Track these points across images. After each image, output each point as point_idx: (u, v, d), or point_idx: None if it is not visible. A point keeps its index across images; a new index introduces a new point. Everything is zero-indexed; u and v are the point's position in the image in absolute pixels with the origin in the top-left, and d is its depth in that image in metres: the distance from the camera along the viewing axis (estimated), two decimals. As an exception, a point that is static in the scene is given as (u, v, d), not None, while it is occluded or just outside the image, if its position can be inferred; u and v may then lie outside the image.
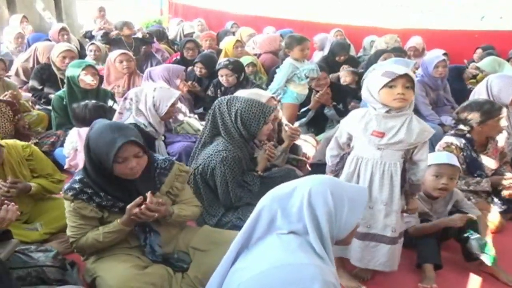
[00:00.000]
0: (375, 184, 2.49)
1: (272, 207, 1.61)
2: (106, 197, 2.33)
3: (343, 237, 1.64)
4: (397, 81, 2.33)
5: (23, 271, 2.31)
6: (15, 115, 4.05)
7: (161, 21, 11.36)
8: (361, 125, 2.47)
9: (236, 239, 1.67)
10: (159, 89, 3.50)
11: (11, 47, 6.94)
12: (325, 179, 1.67)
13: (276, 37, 7.15)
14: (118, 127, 2.29)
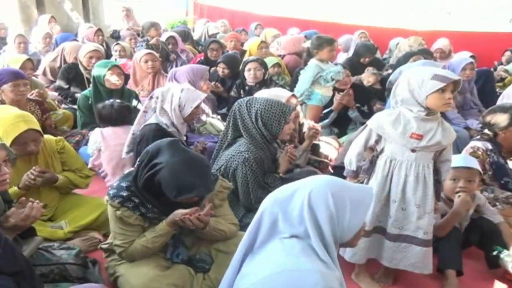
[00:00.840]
0: (409, 186, 2.47)
1: (273, 211, 1.58)
2: (153, 209, 2.31)
3: (348, 239, 1.59)
4: (448, 86, 2.30)
5: (46, 268, 2.34)
6: (43, 114, 4.13)
7: (186, 21, 11.44)
8: (399, 128, 2.43)
9: (240, 244, 1.64)
10: (186, 90, 3.50)
11: (39, 47, 7.06)
12: (325, 181, 1.61)
13: (300, 38, 7.13)
14: (200, 173, 2.19)
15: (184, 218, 2.22)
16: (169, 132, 3.41)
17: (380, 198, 2.55)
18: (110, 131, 3.88)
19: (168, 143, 2.24)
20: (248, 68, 4.94)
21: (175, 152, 2.19)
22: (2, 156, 2.14)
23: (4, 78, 3.81)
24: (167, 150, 2.20)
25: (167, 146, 2.22)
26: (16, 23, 8.53)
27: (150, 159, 2.23)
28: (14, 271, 1.71)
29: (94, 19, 10.14)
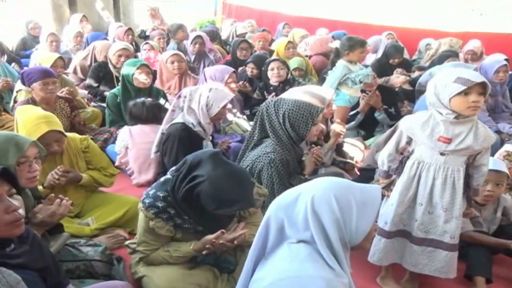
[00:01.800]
0: (437, 189, 2.44)
1: (278, 216, 1.54)
2: (189, 220, 2.28)
3: (358, 243, 1.53)
4: (472, 89, 2.24)
5: (72, 264, 2.38)
6: (72, 111, 4.21)
7: (214, 21, 11.47)
8: (427, 130, 2.40)
9: (251, 248, 1.62)
10: (214, 89, 3.51)
11: (70, 45, 7.17)
12: (329, 183, 1.55)
13: (327, 39, 7.06)
14: (242, 187, 2.14)
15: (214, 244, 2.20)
16: (195, 132, 3.43)
17: (404, 200, 2.52)
18: (138, 129, 3.92)
19: (210, 155, 2.17)
20: (271, 67, 4.94)
21: (217, 164, 2.13)
22: (34, 153, 2.18)
23: (34, 76, 3.90)
24: (209, 162, 2.13)
25: (209, 158, 2.15)
26: (48, 22, 8.67)
27: (190, 170, 2.17)
28: (41, 267, 1.73)
29: (124, 19, 10.25)
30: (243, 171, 2.25)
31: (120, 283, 2.16)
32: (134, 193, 3.47)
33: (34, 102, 3.90)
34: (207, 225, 2.28)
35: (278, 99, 3.10)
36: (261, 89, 5.17)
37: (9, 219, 1.53)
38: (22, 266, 1.62)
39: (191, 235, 2.33)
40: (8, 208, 1.53)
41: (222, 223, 2.32)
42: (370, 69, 4.74)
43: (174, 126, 3.45)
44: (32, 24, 7.83)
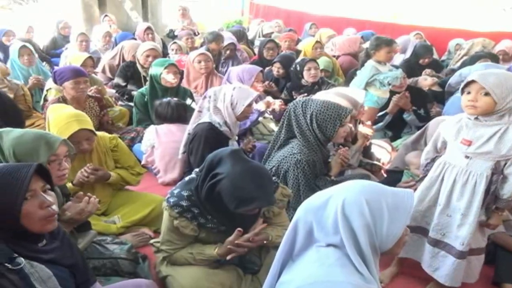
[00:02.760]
0: (456, 192, 2.40)
1: (307, 219, 1.51)
2: (212, 220, 2.28)
3: (389, 248, 1.48)
4: (471, 87, 2.23)
5: (99, 261, 2.41)
6: (101, 110, 4.28)
7: (241, 21, 11.48)
8: (454, 131, 2.37)
9: (278, 251, 1.59)
10: (238, 88, 3.53)
11: (99, 45, 7.26)
12: (360, 187, 1.50)
13: (356, 39, 7.01)
14: (262, 184, 2.10)
15: (233, 248, 2.19)
16: (221, 132, 3.44)
17: (425, 198, 2.51)
18: (164, 128, 3.95)
19: (230, 153, 2.16)
20: (308, 67, 4.92)
21: (236, 162, 2.11)
22: (64, 151, 2.21)
23: (66, 75, 3.96)
24: (229, 160, 2.12)
25: (229, 156, 2.14)
26: (78, 22, 8.81)
27: (211, 168, 2.17)
28: (70, 263, 1.76)
29: (152, 18, 10.34)
30: (262, 169, 2.22)
31: (145, 281, 2.16)
32: (159, 192, 3.49)
33: (64, 100, 3.97)
34: (230, 225, 2.27)
35: (306, 99, 3.08)
36: (289, 89, 5.16)
37: (43, 214, 1.56)
38: (53, 262, 1.65)
39: (214, 235, 2.33)
40: (43, 203, 1.56)
41: (245, 223, 2.30)
42: (400, 71, 4.67)
43: (201, 125, 3.46)
44: (62, 24, 7.96)
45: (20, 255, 1.51)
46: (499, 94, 2.16)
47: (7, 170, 1.53)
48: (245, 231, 2.24)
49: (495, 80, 2.19)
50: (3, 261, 1.47)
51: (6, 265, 1.46)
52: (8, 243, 1.51)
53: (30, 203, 1.53)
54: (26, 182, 1.51)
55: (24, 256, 1.53)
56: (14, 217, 1.49)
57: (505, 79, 2.19)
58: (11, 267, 1.47)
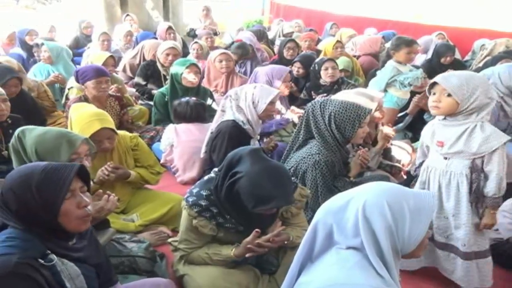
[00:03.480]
0: (443, 194, 2.45)
1: (327, 222, 1.48)
2: (231, 220, 2.27)
3: (410, 251, 1.46)
4: (435, 88, 2.35)
5: (117, 259, 2.42)
6: (121, 109, 4.32)
7: (262, 21, 11.47)
8: (429, 134, 2.48)
9: (297, 253, 1.57)
10: (259, 87, 3.53)
11: (120, 44, 7.32)
12: (381, 189, 1.47)
13: (377, 39, 6.94)
14: (280, 183, 2.09)
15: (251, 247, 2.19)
16: (245, 130, 3.44)
17: None
18: (183, 127, 3.97)
19: (249, 151, 2.15)
20: (325, 67, 4.89)
21: (255, 161, 2.10)
22: (85, 150, 2.24)
23: (88, 75, 4.01)
24: (248, 159, 2.11)
25: (248, 154, 2.13)
26: (100, 22, 8.91)
27: (230, 167, 2.16)
28: (96, 263, 1.78)
29: (173, 18, 10.40)
30: (282, 168, 2.20)
31: (163, 280, 2.18)
32: (178, 190, 3.51)
33: (86, 99, 4.01)
34: (249, 225, 2.26)
35: (325, 99, 3.05)
36: (308, 89, 5.14)
37: (80, 213, 1.59)
38: (81, 260, 1.67)
39: (232, 235, 2.32)
40: (80, 203, 1.60)
41: (263, 223, 2.30)
42: (421, 71, 4.61)
43: (225, 123, 3.47)
44: (85, 23, 8.05)
45: (51, 251, 1.54)
46: (461, 95, 2.26)
47: (51, 168, 1.56)
48: (263, 232, 2.24)
49: (457, 81, 2.27)
50: (38, 257, 1.50)
51: (39, 261, 1.49)
52: (41, 239, 1.54)
53: (69, 202, 1.56)
54: (68, 181, 1.55)
55: (55, 252, 1.56)
56: (53, 214, 1.52)
57: (467, 80, 2.27)
58: (44, 263, 1.50)
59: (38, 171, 1.54)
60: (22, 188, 1.52)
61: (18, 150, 2.19)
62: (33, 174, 1.54)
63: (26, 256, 1.47)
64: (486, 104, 2.28)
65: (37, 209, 1.51)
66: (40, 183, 1.52)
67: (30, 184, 1.51)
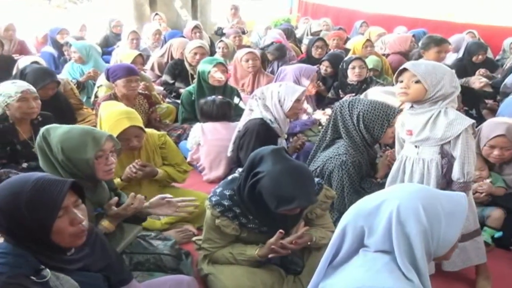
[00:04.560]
0: (415, 181, 2.47)
1: (357, 225, 1.44)
2: (254, 220, 2.27)
3: (443, 254, 1.41)
4: (403, 76, 2.37)
5: (143, 256, 2.43)
6: (150, 107, 4.35)
7: (290, 19, 11.43)
8: (400, 124, 2.55)
9: (324, 256, 1.52)
10: (284, 85, 3.52)
11: (149, 43, 7.39)
12: (415, 191, 1.42)
13: (407, 38, 6.84)
14: (302, 183, 2.07)
15: (274, 249, 2.17)
16: (272, 128, 3.43)
17: None
18: (210, 126, 3.98)
19: (271, 151, 2.14)
20: (353, 66, 4.84)
21: (277, 160, 2.09)
22: (110, 146, 2.25)
23: (119, 74, 4.06)
24: (270, 158, 2.10)
25: (270, 154, 2.12)
26: (130, 21, 9.01)
27: (252, 167, 2.15)
28: (102, 266, 1.74)
29: (201, 17, 10.45)
30: (303, 168, 2.18)
31: (187, 278, 2.16)
32: (204, 189, 3.51)
33: (115, 97, 4.07)
34: (272, 225, 2.24)
35: (353, 99, 3.02)
36: (336, 88, 5.09)
37: (73, 231, 1.52)
38: (84, 269, 1.63)
39: (256, 235, 2.31)
40: (73, 220, 1.51)
41: (287, 224, 2.28)
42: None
43: (253, 121, 3.47)
44: (115, 22, 8.15)
45: (46, 265, 1.48)
46: (430, 81, 2.31)
47: (41, 185, 1.46)
48: (286, 233, 2.22)
49: (425, 68, 2.34)
50: (30, 274, 1.43)
51: (32, 278, 1.42)
52: (35, 253, 1.47)
53: (62, 220, 1.48)
54: (59, 200, 1.46)
55: (51, 266, 1.49)
56: (44, 233, 1.46)
57: (434, 68, 2.35)
58: (37, 280, 1.43)
59: (27, 189, 1.44)
60: (10, 208, 1.43)
61: (44, 148, 2.20)
62: (21, 193, 1.44)
63: (16, 275, 1.40)
64: (451, 93, 2.36)
65: (29, 228, 1.43)
66: (29, 202, 1.43)
67: (19, 203, 1.42)
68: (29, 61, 4.66)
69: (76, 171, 2.15)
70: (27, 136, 3.40)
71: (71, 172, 2.15)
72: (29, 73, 3.98)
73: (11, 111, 3.27)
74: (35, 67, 4.17)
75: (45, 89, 3.88)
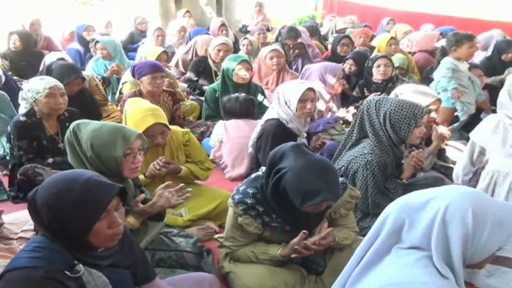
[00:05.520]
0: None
1: (399, 217, 1.40)
2: (277, 219, 2.26)
3: (478, 262, 1.37)
4: None
5: (165, 253, 2.44)
6: (174, 104, 4.37)
7: (315, 16, 11.36)
8: (498, 137, 2.27)
9: (358, 249, 1.50)
10: (287, 86, 3.49)
11: (174, 39, 7.42)
12: (467, 193, 1.38)
13: (434, 36, 6.73)
14: (326, 176, 2.05)
15: (298, 249, 2.15)
16: (289, 128, 3.40)
17: None
18: (233, 123, 3.97)
19: (291, 147, 2.13)
20: (378, 64, 4.78)
21: (299, 155, 2.08)
22: (138, 145, 2.26)
23: (144, 70, 4.08)
24: (291, 154, 2.09)
25: (291, 150, 2.11)
26: (155, 17, 9.08)
27: (274, 164, 2.14)
28: (130, 263, 1.77)
29: (226, 14, 10.46)
30: (326, 161, 2.15)
31: (208, 276, 2.17)
32: (226, 186, 3.51)
33: (140, 94, 4.10)
34: (295, 224, 2.23)
35: (381, 98, 2.97)
36: (361, 87, 5.04)
37: (110, 233, 1.54)
38: (113, 266, 1.66)
39: (278, 234, 2.30)
40: (112, 224, 1.54)
41: (310, 223, 2.26)
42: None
43: (269, 122, 3.45)
44: (140, 19, 8.20)
45: (79, 261, 1.51)
46: None
47: (90, 187, 1.49)
48: (309, 232, 2.20)
49: None
50: (64, 268, 1.46)
51: (66, 273, 1.45)
52: (69, 248, 1.51)
53: (102, 222, 1.50)
54: (105, 203, 1.49)
55: (83, 262, 1.52)
56: (83, 233, 1.49)
57: None
58: (71, 275, 1.46)
59: (76, 188, 1.47)
60: (57, 204, 1.46)
61: (73, 143, 2.22)
62: (70, 191, 1.46)
63: (52, 269, 1.43)
64: None
65: (69, 226, 1.46)
66: (76, 202, 1.45)
67: (66, 202, 1.45)
68: (55, 57, 4.72)
69: (103, 168, 2.17)
70: (54, 132, 3.46)
71: (98, 168, 2.16)
72: (55, 69, 4.05)
73: (39, 107, 3.33)
74: (61, 63, 4.24)
75: (70, 85, 3.94)
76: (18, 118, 3.37)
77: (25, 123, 3.34)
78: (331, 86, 4.45)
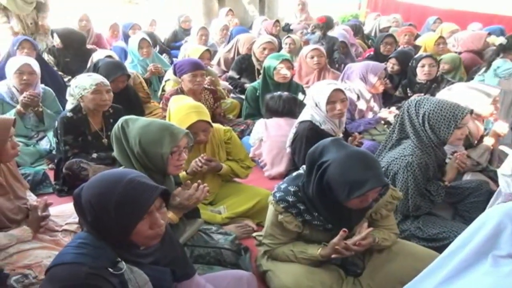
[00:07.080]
0: None
1: (502, 222, 1.35)
2: (318, 217, 2.23)
3: None
4: None
5: (204, 250, 2.47)
6: (215, 102, 4.42)
7: (358, 15, 11.23)
8: None
9: (445, 253, 1.45)
10: (315, 88, 3.46)
11: (216, 38, 7.49)
12: None
13: (482, 35, 6.52)
14: (369, 164, 2.02)
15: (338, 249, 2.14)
16: (323, 130, 3.38)
17: None
18: (273, 122, 3.98)
19: (331, 141, 2.13)
20: (422, 64, 4.70)
21: (339, 148, 2.07)
22: (184, 143, 2.29)
23: (185, 68, 4.15)
24: (332, 147, 2.08)
25: (331, 143, 2.11)
26: (198, 16, 9.18)
27: (314, 160, 2.12)
28: (170, 260, 1.79)
29: (269, 12, 10.47)
30: (367, 152, 2.13)
31: (246, 274, 2.17)
32: (265, 185, 3.52)
33: (182, 91, 4.16)
34: (337, 222, 2.21)
35: (421, 98, 2.90)
36: (404, 86, 4.96)
37: (151, 233, 1.56)
38: (154, 263, 1.68)
39: (318, 233, 2.29)
40: (154, 224, 1.55)
41: (351, 221, 2.24)
42: None
43: (303, 124, 3.45)
44: (184, 17, 8.31)
45: (122, 258, 1.54)
46: None
47: (133, 187, 1.50)
48: (349, 231, 2.18)
49: None
50: (108, 266, 1.49)
51: (109, 270, 1.48)
52: (112, 246, 1.53)
53: (143, 222, 1.52)
54: (148, 205, 1.50)
55: (125, 260, 1.55)
56: (124, 233, 1.51)
57: None
58: (114, 272, 1.49)
59: (119, 189, 1.48)
60: (100, 204, 1.48)
61: (120, 139, 2.26)
62: (113, 192, 1.48)
63: (97, 266, 1.46)
64: None
65: (111, 226, 1.49)
66: (119, 203, 1.47)
67: (109, 202, 1.46)
68: (103, 55, 4.84)
69: (149, 164, 2.22)
70: (98, 128, 3.55)
71: (143, 164, 2.21)
72: (102, 66, 4.16)
73: (85, 103, 3.42)
74: (107, 60, 4.34)
75: (115, 82, 4.04)
76: (65, 114, 3.47)
77: (71, 119, 3.44)
78: (372, 85, 4.39)
